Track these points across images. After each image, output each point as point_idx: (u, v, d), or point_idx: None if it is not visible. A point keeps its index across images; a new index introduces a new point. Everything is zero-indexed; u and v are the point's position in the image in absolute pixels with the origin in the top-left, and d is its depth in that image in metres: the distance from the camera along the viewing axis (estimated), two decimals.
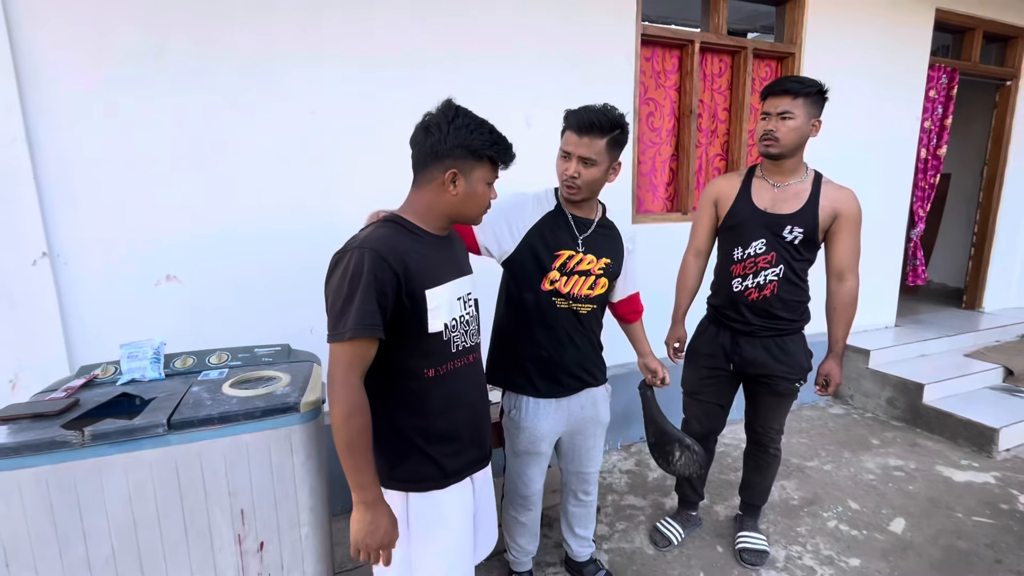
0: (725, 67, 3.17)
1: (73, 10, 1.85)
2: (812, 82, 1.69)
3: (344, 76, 2.19)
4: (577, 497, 1.87)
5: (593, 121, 1.41)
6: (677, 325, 2.08)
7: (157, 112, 1.98)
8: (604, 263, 1.59)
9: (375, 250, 1.04)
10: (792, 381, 1.87)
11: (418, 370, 1.14)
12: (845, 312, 1.81)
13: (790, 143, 1.70)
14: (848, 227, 1.75)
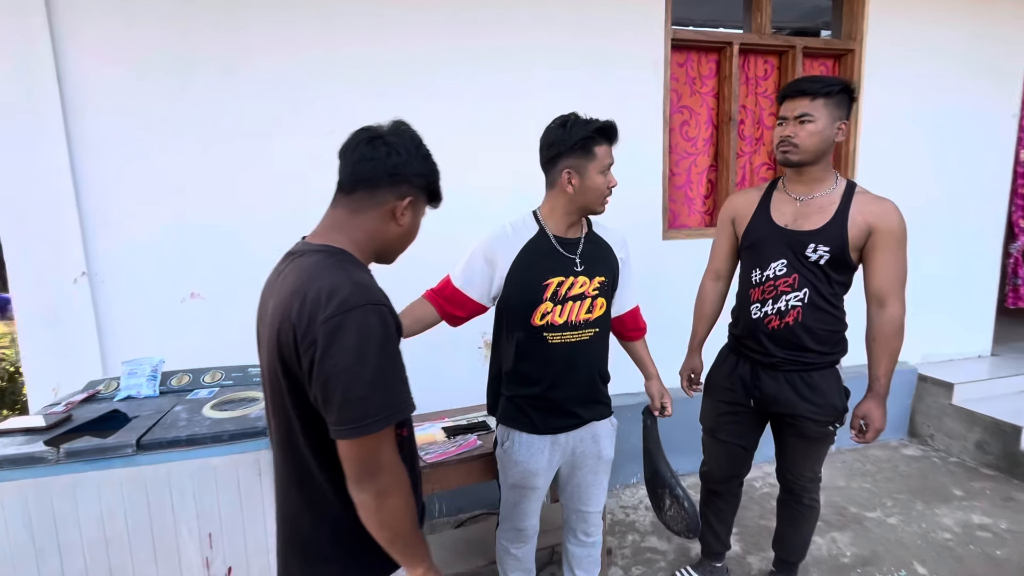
0: (771, 69, 2.91)
1: (111, 53, 2.01)
2: (833, 80, 1.49)
3: (360, 95, 2.23)
4: (577, 536, 1.73)
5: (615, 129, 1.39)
6: (692, 355, 1.89)
7: (184, 140, 2.11)
8: (599, 282, 1.47)
9: (387, 305, 0.86)
10: (823, 424, 1.62)
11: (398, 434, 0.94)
12: (887, 344, 1.53)
13: (811, 148, 1.50)
14: (887, 244, 1.49)
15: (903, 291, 1.53)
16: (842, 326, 1.63)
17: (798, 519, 1.84)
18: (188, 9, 2.05)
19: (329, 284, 0.83)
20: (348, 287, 0.83)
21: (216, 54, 2.10)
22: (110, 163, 2.06)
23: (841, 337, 1.64)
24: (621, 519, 2.48)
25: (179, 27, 2.05)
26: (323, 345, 0.79)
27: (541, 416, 1.50)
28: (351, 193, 0.94)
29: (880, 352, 1.54)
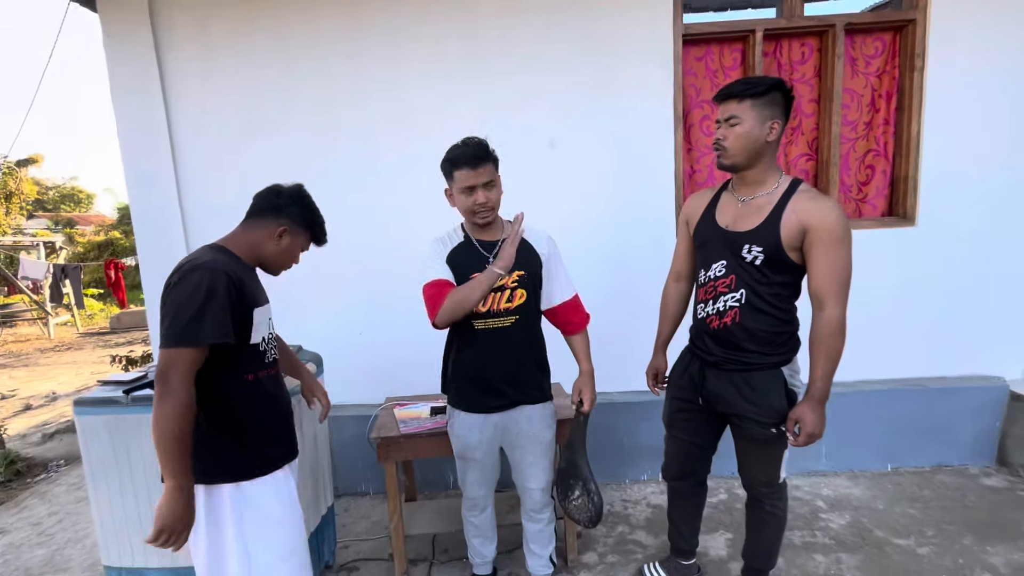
0: (810, 51, 2.69)
1: (211, 94, 2.64)
2: (761, 80, 1.48)
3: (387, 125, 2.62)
4: (528, 512, 1.91)
5: (481, 152, 1.57)
6: (656, 354, 1.93)
7: (276, 165, 2.67)
8: (517, 275, 1.66)
9: (225, 271, 1.24)
10: (764, 425, 1.59)
11: (240, 374, 1.33)
12: (823, 346, 1.46)
13: (740, 150, 1.49)
14: (822, 243, 1.43)
15: (843, 291, 1.46)
16: (787, 328, 1.58)
17: (760, 525, 1.80)
18: (267, 81, 2.61)
19: (188, 258, 1.29)
20: (199, 261, 1.25)
21: (308, 96, 2.64)
22: (206, 192, 2.70)
23: (787, 339, 1.59)
24: (619, 511, 2.55)
25: (266, 90, 2.62)
26: (164, 289, 1.24)
27: (474, 397, 1.73)
28: (247, 218, 1.44)
29: (817, 354, 1.48)
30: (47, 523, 2.80)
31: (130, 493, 1.81)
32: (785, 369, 1.59)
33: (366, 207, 2.70)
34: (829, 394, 1.49)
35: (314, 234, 1.51)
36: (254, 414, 1.37)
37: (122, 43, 2.58)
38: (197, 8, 2.58)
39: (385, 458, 2.02)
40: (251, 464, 1.35)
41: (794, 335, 1.61)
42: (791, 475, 2.74)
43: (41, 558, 2.46)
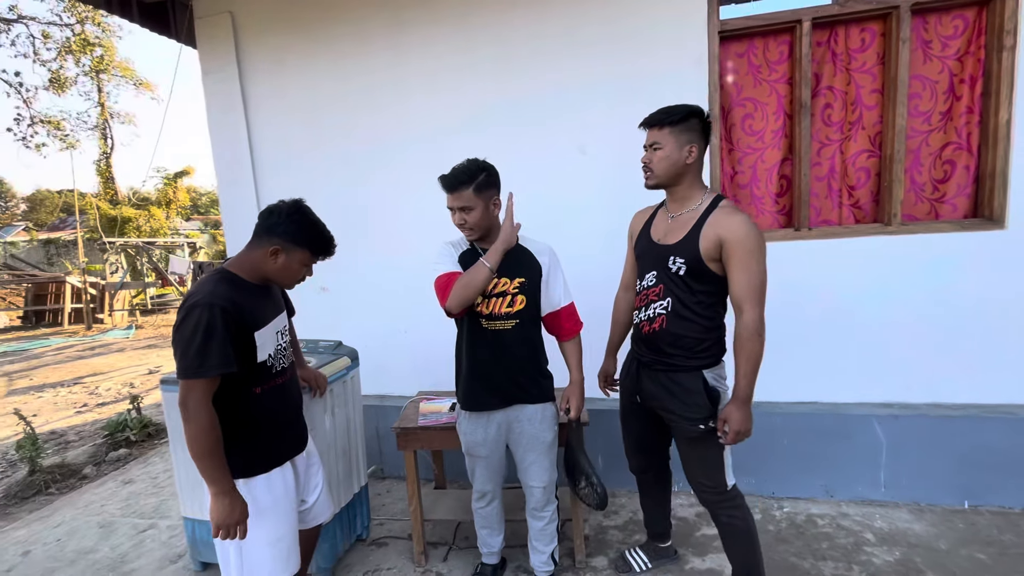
0: (871, 38, 2.44)
1: (282, 117, 3.05)
2: (678, 109, 1.62)
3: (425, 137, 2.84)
4: (530, 510, 2.00)
5: (456, 180, 1.69)
6: (606, 358, 2.05)
7: (334, 175, 3.03)
8: (519, 282, 1.78)
9: (221, 307, 1.37)
10: (690, 421, 1.68)
11: (248, 389, 1.50)
12: (743, 349, 1.56)
13: (663, 172, 1.66)
14: (736, 255, 1.54)
15: (758, 298, 1.55)
16: (710, 335, 1.68)
17: (726, 540, 1.84)
18: (326, 105, 2.96)
19: (194, 291, 1.45)
20: (197, 297, 1.39)
21: (362, 127, 2.96)
22: (277, 196, 3.10)
23: (710, 345, 1.68)
24: (638, 520, 2.53)
25: (325, 113, 2.98)
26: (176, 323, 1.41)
27: (477, 395, 1.86)
28: (250, 239, 1.58)
29: (738, 356, 1.58)
30: (161, 477, 3.41)
31: None
32: (707, 372, 1.68)
33: (408, 214, 2.93)
34: (753, 393, 1.58)
35: (312, 249, 1.55)
36: (260, 422, 1.54)
37: (215, 77, 3.06)
38: (272, 47, 2.98)
39: (404, 446, 2.21)
40: (255, 463, 1.53)
41: (718, 341, 1.70)
42: (845, 501, 2.53)
43: (152, 506, 3.02)
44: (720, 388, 1.68)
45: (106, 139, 19.01)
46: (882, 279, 2.49)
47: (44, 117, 16.03)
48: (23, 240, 19.54)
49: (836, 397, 2.60)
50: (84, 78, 16.80)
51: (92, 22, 15.53)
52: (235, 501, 1.43)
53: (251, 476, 1.53)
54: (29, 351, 8.84)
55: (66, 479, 3.56)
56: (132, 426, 4.14)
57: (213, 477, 1.39)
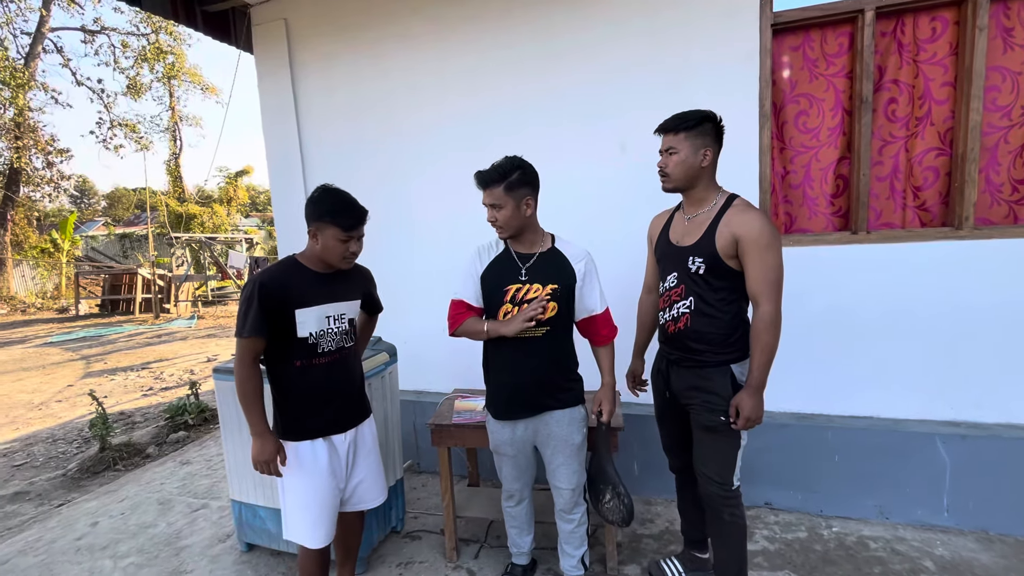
0: (943, 26, 2.26)
1: (329, 119, 3.16)
2: (692, 115, 1.66)
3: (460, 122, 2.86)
4: (559, 512, 1.98)
5: (488, 177, 1.69)
6: (633, 359, 2.08)
7: (378, 173, 3.12)
8: (551, 288, 1.75)
9: (263, 282, 1.62)
10: (713, 411, 1.70)
11: (290, 361, 1.70)
12: (758, 340, 1.61)
13: (679, 176, 1.70)
14: (752, 250, 1.59)
15: (774, 291, 1.59)
16: (735, 331, 1.70)
17: (721, 534, 1.81)
18: (370, 107, 3.04)
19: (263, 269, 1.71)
20: (255, 274, 1.67)
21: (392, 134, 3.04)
22: None
23: (735, 339, 1.70)
24: (675, 530, 2.46)
25: (369, 116, 3.07)
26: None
27: (503, 403, 1.86)
28: None
29: (754, 347, 1.62)
30: (215, 460, 3.61)
31: (248, 444, 2.29)
32: (735, 366, 1.71)
33: (446, 213, 2.97)
34: (766, 383, 1.62)
35: (338, 222, 1.64)
36: (295, 393, 1.73)
37: (270, 80, 3.20)
38: (321, 51, 3.09)
39: (438, 443, 2.24)
40: (289, 429, 1.73)
41: (745, 335, 1.71)
42: (902, 524, 2.37)
43: (205, 487, 3.20)
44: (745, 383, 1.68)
45: (175, 140, 20.35)
46: (950, 287, 2.30)
47: (122, 121, 17.30)
48: (102, 234, 21.19)
49: (895, 413, 2.43)
50: (157, 84, 18.03)
51: (165, 32, 16.63)
52: (266, 442, 1.65)
53: (285, 439, 1.73)
54: (105, 336, 9.59)
55: (131, 457, 3.83)
56: (190, 411, 4.41)
57: (249, 420, 1.66)
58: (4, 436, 4.57)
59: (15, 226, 15.57)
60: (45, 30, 15.41)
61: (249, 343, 1.62)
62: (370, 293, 1.97)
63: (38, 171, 16.04)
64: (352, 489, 1.89)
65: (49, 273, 16.01)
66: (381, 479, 1.96)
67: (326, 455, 1.76)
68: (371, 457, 1.92)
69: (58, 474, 3.66)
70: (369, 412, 1.94)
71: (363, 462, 1.89)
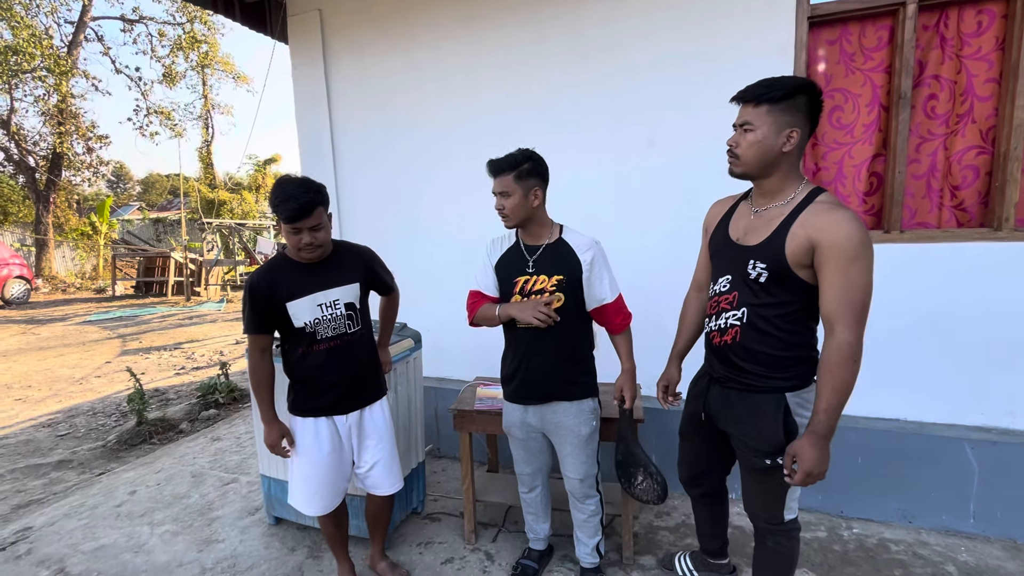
0: (990, 20, 2.18)
1: (358, 124, 3.22)
2: (782, 82, 1.35)
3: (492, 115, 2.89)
4: (572, 500, 2.01)
5: (498, 165, 1.73)
6: (669, 365, 1.84)
7: (406, 166, 3.18)
8: (556, 279, 1.77)
9: (253, 283, 1.74)
10: (757, 453, 1.48)
11: (295, 348, 1.83)
12: (831, 375, 1.30)
13: (752, 159, 1.40)
14: (832, 261, 1.29)
15: (857, 316, 1.29)
16: (795, 351, 1.44)
17: (762, 560, 1.69)
18: (401, 98, 3.09)
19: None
20: (251, 274, 1.79)
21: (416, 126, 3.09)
22: (354, 185, 3.30)
23: (795, 363, 1.45)
24: (692, 524, 2.47)
25: (399, 107, 3.12)
26: None
27: (513, 389, 1.90)
28: None
29: (823, 383, 1.32)
30: (244, 438, 3.75)
31: None
32: (791, 396, 1.44)
33: (471, 205, 2.99)
34: (834, 430, 1.32)
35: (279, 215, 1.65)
36: (300, 376, 1.86)
37: (304, 70, 3.28)
38: (354, 41, 3.14)
39: (459, 428, 2.30)
40: (295, 405, 1.89)
41: (806, 359, 1.45)
42: (925, 528, 2.33)
43: (235, 462, 3.33)
44: (802, 419, 1.44)
45: (207, 128, 20.85)
46: (986, 290, 2.24)
47: (157, 108, 17.81)
48: (137, 218, 21.91)
49: (922, 416, 2.39)
50: (191, 72, 18.47)
51: (200, 21, 16.99)
52: (271, 428, 1.82)
53: (292, 414, 1.89)
54: (140, 317, 9.96)
55: (166, 432, 4.01)
56: (221, 390, 4.58)
57: (258, 408, 1.85)
58: (49, 407, 4.82)
59: (56, 208, 16.21)
60: (87, 19, 15.93)
61: (252, 339, 1.78)
62: (372, 273, 1.96)
63: (79, 156, 16.63)
64: (366, 472, 1.96)
65: (88, 255, 16.65)
66: (395, 466, 2.01)
67: (327, 433, 1.87)
68: (383, 442, 1.97)
69: (98, 445, 3.86)
70: (379, 396, 1.98)
71: (374, 446, 1.95)
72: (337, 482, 1.93)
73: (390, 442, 2.00)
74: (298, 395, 1.88)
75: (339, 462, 1.91)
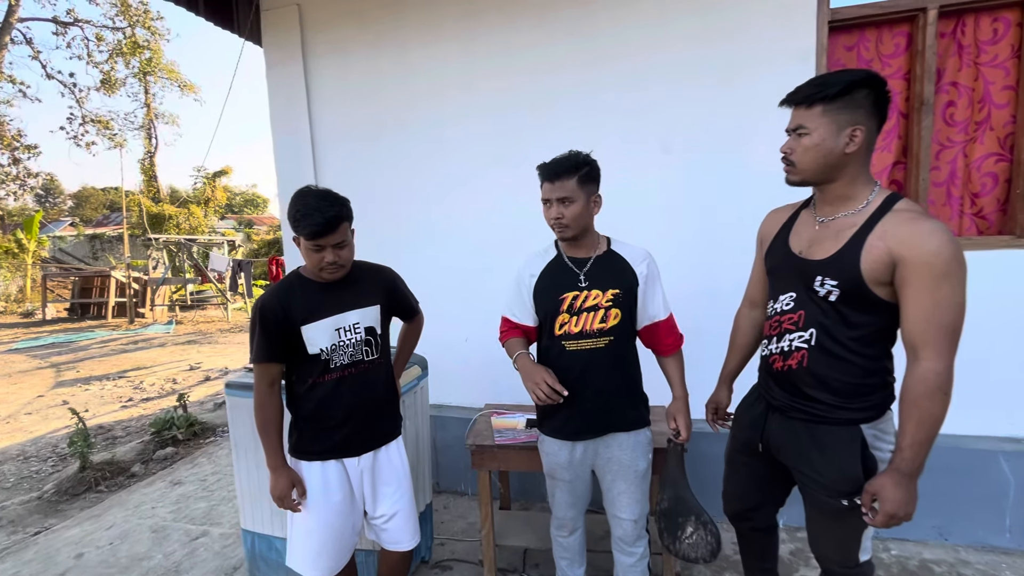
0: (1006, 27, 2.18)
1: (345, 111, 2.94)
2: (836, 80, 1.20)
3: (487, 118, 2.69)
4: (619, 544, 1.80)
5: (559, 168, 1.52)
6: (719, 387, 1.70)
7: (394, 172, 2.91)
8: (612, 294, 1.57)
9: (265, 305, 1.51)
10: (831, 493, 1.30)
11: (303, 379, 1.57)
12: (916, 407, 1.16)
13: (810, 166, 1.26)
14: (918, 278, 1.13)
15: (946, 340, 1.14)
16: (872, 378, 1.28)
17: None
18: (390, 98, 2.84)
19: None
20: (261, 295, 1.55)
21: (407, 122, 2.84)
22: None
23: (871, 391, 1.28)
24: (737, 560, 2.30)
25: (388, 108, 2.86)
26: None
27: (561, 423, 1.67)
28: None
29: (907, 416, 1.17)
30: (210, 480, 3.32)
31: (264, 466, 2.06)
32: (867, 428, 1.28)
33: (471, 212, 2.78)
34: (923, 467, 1.17)
35: (300, 231, 1.45)
36: (308, 410, 1.59)
37: (280, 70, 2.98)
38: (338, 39, 2.88)
39: (479, 465, 2.05)
40: (300, 449, 1.62)
41: (884, 386, 1.30)
42: (963, 546, 2.26)
43: (202, 511, 2.92)
44: (881, 453, 1.28)
45: (151, 139, 19.65)
46: (1009, 298, 2.21)
47: (94, 117, 16.62)
48: (70, 235, 20.28)
49: (952, 428, 2.30)
50: (132, 80, 17.40)
51: (142, 26, 16.06)
52: (279, 477, 1.54)
53: (296, 457, 1.62)
54: (75, 343, 9.06)
55: (115, 476, 3.52)
56: (179, 424, 4.10)
57: (265, 451, 1.55)
58: None
59: None
60: (13, 20, 14.71)
61: (261, 369, 1.54)
62: (395, 295, 1.76)
63: (3, 167, 15.25)
64: (383, 524, 1.69)
65: (13, 275, 15.18)
66: (415, 516, 1.76)
67: (336, 478, 1.60)
68: (402, 489, 1.71)
69: (32, 497, 3.33)
70: (396, 434, 1.74)
71: (392, 493, 1.69)
72: (346, 537, 1.65)
73: (409, 488, 1.74)
74: (303, 435, 1.61)
75: (350, 513, 1.64)
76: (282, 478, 1.55)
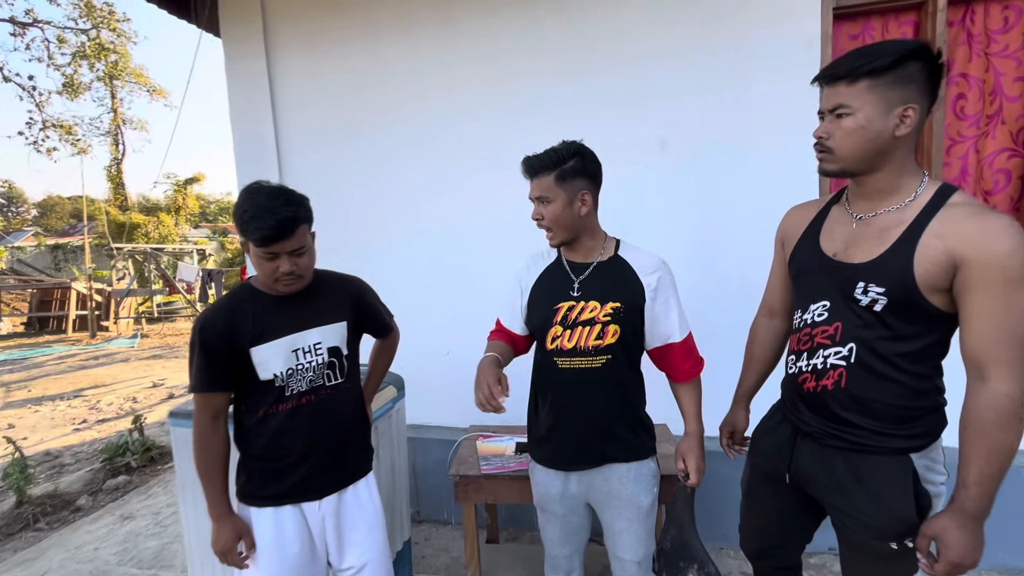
0: (1016, 16, 2.07)
1: (314, 107, 2.70)
2: (885, 48, 1.01)
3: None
4: None
5: (535, 164, 1.33)
6: (734, 407, 1.50)
7: (368, 174, 2.67)
8: (612, 307, 1.35)
9: (205, 325, 1.27)
10: (878, 536, 1.11)
11: (253, 410, 1.33)
12: (982, 436, 0.97)
13: (852, 152, 1.06)
14: (985, 283, 0.95)
15: (1019, 357, 0.96)
16: (924, 400, 1.09)
17: None
18: (364, 93, 2.61)
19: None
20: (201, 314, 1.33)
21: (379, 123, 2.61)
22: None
23: (921, 415, 1.09)
24: None
25: (362, 104, 2.63)
26: None
27: (553, 451, 1.45)
28: None
29: (971, 447, 0.98)
30: (164, 513, 3.01)
31: None
32: (917, 458, 1.09)
33: (453, 223, 2.57)
34: (990, 507, 0.99)
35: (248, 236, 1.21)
36: (258, 449, 1.35)
37: (240, 63, 2.72)
38: (304, 31, 2.65)
39: (464, 499, 1.82)
40: (249, 493, 1.37)
41: (935, 409, 1.11)
42: (984, 568, 2.10)
43: (152, 550, 2.61)
44: (934, 487, 1.10)
45: (117, 145, 18.94)
46: None
47: (56, 121, 15.93)
48: (31, 245, 19.38)
49: None
50: (98, 84, 16.75)
51: (108, 28, 15.50)
52: (222, 528, 1.31)
53: (244, 503, 1.38)
54: (30, 359, 8.51)
55: (58, 511, 3.17)
56: (133, 450, 3.76)
57: (206, 496, 1.31)
58: None
59: None
60: None
61: (201, 400, 1.29)
62: (365, 309, 1.51)
63: None
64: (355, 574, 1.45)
65: None
66: (388, 567, 1.52)
67: (293, 527, 1.36)
68: (373, 535, 1.47)
69: None
70: (366, 470, 1.50)
71: (362, 541, 1.45)
72: None
73: (382, 534, 1.49)
74: (252, 475, 1.37)
75: (309, 566, 1.39)
76: (226, 528, 1.31)
